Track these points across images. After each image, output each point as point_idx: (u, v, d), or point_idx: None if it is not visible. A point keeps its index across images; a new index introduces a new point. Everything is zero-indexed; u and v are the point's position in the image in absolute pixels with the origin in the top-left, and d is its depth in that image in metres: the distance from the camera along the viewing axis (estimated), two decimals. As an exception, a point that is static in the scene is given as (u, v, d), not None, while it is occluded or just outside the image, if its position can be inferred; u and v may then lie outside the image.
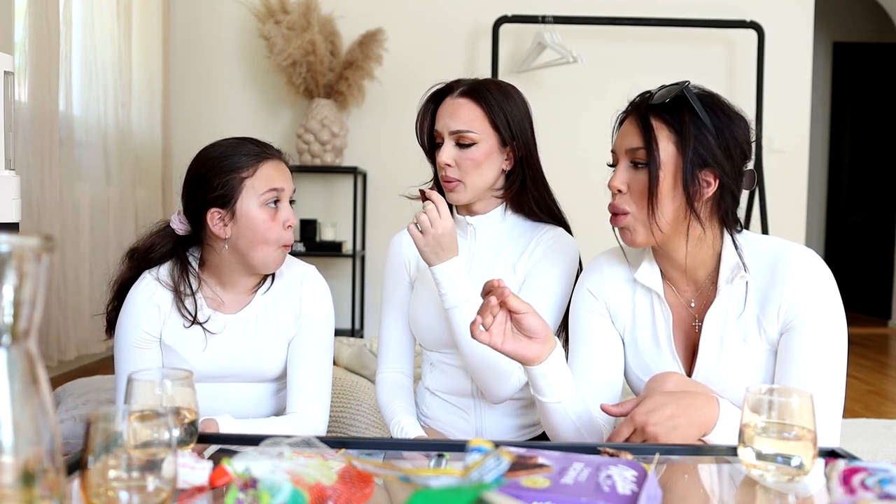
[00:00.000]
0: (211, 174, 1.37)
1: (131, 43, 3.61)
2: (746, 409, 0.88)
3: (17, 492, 0.52)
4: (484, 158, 1.40)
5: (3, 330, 0.51)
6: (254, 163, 1.37)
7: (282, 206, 1.40)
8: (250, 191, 1.36)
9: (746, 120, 1.20)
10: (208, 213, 1.37)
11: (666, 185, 1.16)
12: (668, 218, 1.17)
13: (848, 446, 0.98)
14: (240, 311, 1.44)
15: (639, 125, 1.18)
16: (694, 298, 1.25)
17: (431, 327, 1.47)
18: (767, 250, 1.20)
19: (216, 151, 1.40)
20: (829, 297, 1.16)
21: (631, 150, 1.19)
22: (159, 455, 0.69)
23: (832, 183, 6.67)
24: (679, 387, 1.14)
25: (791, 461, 0.85)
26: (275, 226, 1.37)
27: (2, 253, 0.50)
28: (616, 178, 1.20)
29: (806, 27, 4.17)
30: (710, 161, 1.15)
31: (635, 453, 0.96)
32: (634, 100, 1.23)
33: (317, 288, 1.48)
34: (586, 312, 1.33)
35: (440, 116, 1.43)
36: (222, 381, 1.45)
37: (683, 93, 1.16)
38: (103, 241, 3.37)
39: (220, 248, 1.40)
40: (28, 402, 0.53)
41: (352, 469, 0.82)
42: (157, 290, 1.41)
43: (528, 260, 1.44)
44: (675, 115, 1.16)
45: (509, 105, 1.42)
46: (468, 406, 1.48)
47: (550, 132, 4.11)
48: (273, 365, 1.46)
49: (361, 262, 4.18)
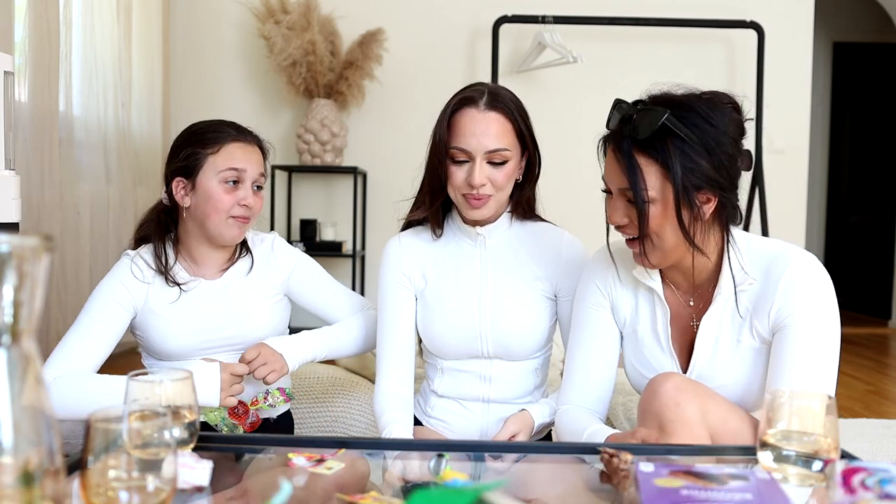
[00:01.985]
0: (182, 146, 1.50)
1: (131, 43, 3.61)
2: (766, 412, 0.87)
3: (17, 492, 0.52)
4: (513, 173, 1.39)
5: (3, 330, 0.51)
6: (221, 140, 1.47)
7: (242, 186, 1.48)
8: (211, 166, 1.47)
9: (728, 103, 1.16)
10: (174, 181, 1.50)
11: (663, 218, 1.15)
12: (671, 244, 1.18)
13: (848, 446, 0.98)
14: (217, 279, 1.54)
15: (623, 164, 1.14)
16: (693, 298, 1.26)
17: (446, 340, 1.45)
18: (765, 253, 1.20)
19: (195, 127, 1.53)
20: (821, 299, 1.16)
21: (622, 190, 1.17)
22: (159, 455, 0.69)
23: (832, 183, 6.67)
24: (679, 388, 1.15)
25: (812, 465, 0.85)
26: (228, 198, 1.46)
27: (2, 253, 0.50)
28: (615, 214, 1.19)
29: (806, 27, 4.17)
30: (705, 183, 1.13)
31: (636, 453, 0.96)
32: (615, 127, 1.18)
33: (285, 246, 1.63)
34: (591, 307, 1.35)
35: (466, 133, 1.35)
36: (212, 350, 1.50)
37: (666, 122, 1.11)
38: (103, 241, 3.36)
39: (185, 218, 1.51)
40: (28, 403, 0.53)
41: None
42: (137, 263, 1.50)
43: (555, 275, 1.45)
44: (659, 148, 1.12)
45: (525, 114, 1.40)
46: (476, 408, 1.48)
47: (550, 132, 4.11)
48: (259, 329, 1.53)
49: (361, 262, 4.18)
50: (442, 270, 1.47)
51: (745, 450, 1.01)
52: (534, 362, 1.49)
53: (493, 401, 1.47)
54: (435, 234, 1.49)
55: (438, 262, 1.48)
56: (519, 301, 1.44)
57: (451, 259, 1.47)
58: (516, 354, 1.45)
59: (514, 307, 1.44)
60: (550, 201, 1.57)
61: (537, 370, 1.50)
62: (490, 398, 1.47)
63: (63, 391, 1.35)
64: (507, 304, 1.44)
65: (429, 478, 1.01)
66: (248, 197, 1.48)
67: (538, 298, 1.45)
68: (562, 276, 1.45)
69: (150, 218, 1.57)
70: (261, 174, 1.51)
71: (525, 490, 1.00)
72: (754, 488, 0.76)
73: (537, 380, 1.50)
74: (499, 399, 1.47)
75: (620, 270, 1.32)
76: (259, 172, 1.50)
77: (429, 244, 1.49)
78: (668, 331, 1.26)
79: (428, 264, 1.48)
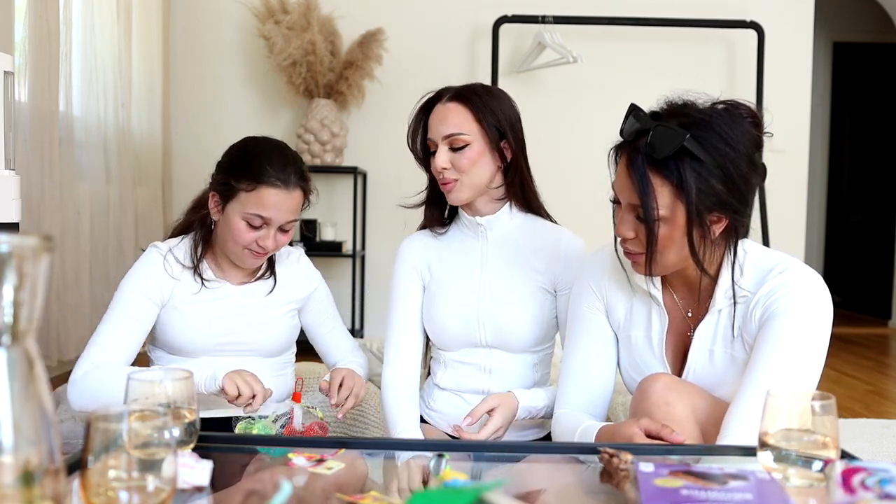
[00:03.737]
0: (229, 165, 1.48)
1: (131, 43, 3.61)
2: (767, 411, 0.87)
3: (17, 492, 0.52)
4: (478, 157, 1.43)
5: (3, 330, 0.51)
6: (259, 179, 1.42)
7: (265, 229, 1.44)
8: (240, 202, 1.43)
9: (748, 115, 1.14)
10: (211, 192, 1.49)
11: (671, 237, 1.14)
12: (674, 261, 1.17)
13: (848, 446, 0.97)
14: (240, 287, 1.56)
15: (636, 181, 1.12)
16: (691, 308, 1.25)
17: (448, 328, 1.50)
18: (763, 266, 1.18)
19: (250, 148, 1.49)
20: (810, 302, 1.13)
21: (632, 206, 1.15)
22: (159, 455, 0.69)
23: (832, 183, 6.67)
24: (669, 387, 1.15)
25: (812, 465, 0.84)
26: (247, 235, 1.44)
27: (2, 253, 0.50)
28: (623, 227, 1.17)
29: (806, 27, 4.17)
30: (717, 205, 1.11)
31: (635, 453, 0.96)
32: (629, 138, 1.15)
33: (309, 264, 1.67)
34: (586, 309, 1.34)
35: (432, 124, 1.46)
36: (223, 352, 1.52)
37: (686, 143, 1.08)
38: (103, 241, 3.36)
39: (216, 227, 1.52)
40: (28, 402, 0.53)
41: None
42: (168, 259, 1.51)
43: (553, 269, 1.49)
44: (674, 169, 1.09)
45: (497, 104, 1.45)
46: (476, 401, 1.49)
47: (550, 132, 4.12)
48: (270, 338, 1.55)
49: (361, 262, 4.18)
50: (446, 261, 1.54)
51: (745, 450, 1.01)
52: (533, 357, 1.51)
53: (493, 393, 1.48)
54: (436, 231, 1.56)
55: (443, 254, 1.54)
56: (516, 291, 1.48)
57: (455, 250, 1.54)
58: (514, 344, 1.48)
59: (512, 296, 1.48)
60: (550, 200, 1.58)
61: (536, 366, 1.52)
62: (490, 391, 1.49)
63: (94, 384, 1.37)
64: (505, 293, 1.48)
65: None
66: (268, 240, 1.45)
67: (536, 290, 1.49)
68: (560, 271, 1.49)
69: (195, 211, 1.59)
70: (291, 221, 1.47)
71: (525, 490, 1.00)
72: (754, 488, 0.76)
73: (536, 375, 1.52)
74: (499, 392, 1.48)
75: (621, 270, 1.32)
76: (289, 219, 1.46)
77: (437, 238, 1.57)
78: (664, 339, 1.26)
79: (434, 257, 1.55)
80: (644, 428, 1.10)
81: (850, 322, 5.64)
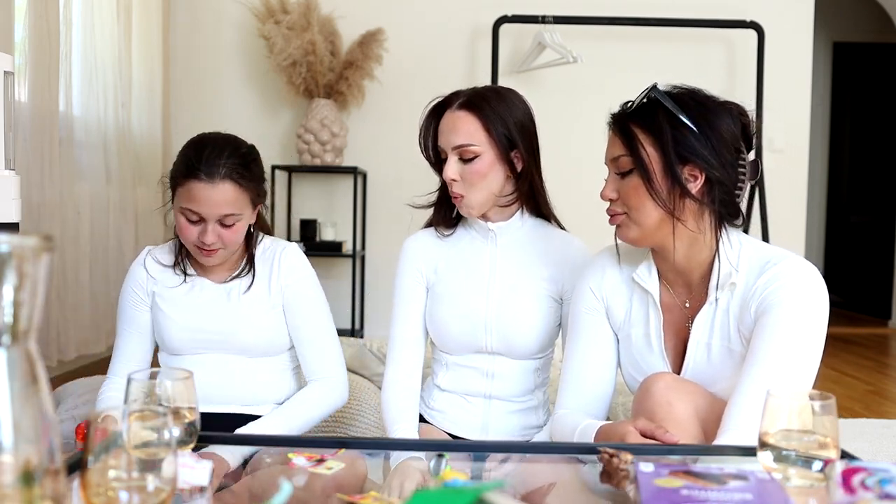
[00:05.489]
0: (174, 163, 1.48)
1: (131, 43, 3.61)
2: (766, 412, 0.87)
3: (17, 492, 0.52)
4: (488, 170, 1.41)
5: (3, 330, 0.51)
6: (188, 174, 1.42)
7: (203, 224, 1.43)
8: (178, 198, 1.45)
9: (736, 110, 1.20)
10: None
11: (649, 189, 1.18)
12: (654, 219, 1.19)
13: (848, 446, 0.97)
14: (222, 284, 1.55)
15: (620, 134, 1.22)
16: (689, 300, 1.26)
17: (450, 330, 1.49)
18: (759, 258, 1.20)
19: (189, 144, 1.49)
20: (806, 297, 1.14)
21: (614, 160, 1.23)
22: (159, 455, 0.69)
23: (832, 183, 6.66)
24: (670, 387, 1.16)
25: (812, 465, 0.84)
26: (187, 231, 1.45)
27: (2, 253, 0.50)
28: (606, 188, 1.25)
29: (806, 27, 4.16)
30: (691, 156, 1.16)
31: (635, 453, 0.96)
32: (617, 110, 1.27)
33: (294, 259, 1.57)
34: (585, 311, 1.35)
35: (442, 132, 1.44)
36: (208, 350, 1.52)
37: (654, 94, 1.19)
38: (103, 241, 3.36)
39: None
40: (28, 402, 0.53)
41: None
42: (148, 258, 1.57)
43: (561, 278, 1.48)
44: (650, 118, 1.19)
45: (509, 111, 1.42)
46: (478, 404, 1.51)
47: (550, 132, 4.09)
48: (255, 335, 1.52)
49: (361, 262, 4.18)
50: (453, 264, 1.52)
51: (744, 450, 1.01)
52: (535, 362, 1.51)
53: (495, 397, 1.50)
54: (441, 231, 1.54)
55: (450, 257, 1.53)
56: (525, 298, 1.47)
57: (463, 253, 1.52)
58: (519, 351, 1.47)
59: (520, 303, 1.47)
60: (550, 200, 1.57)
61: (538, 370, 1.52)
62: (492, 394, 1.49)
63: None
64: (514, 299, 1.47)
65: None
66: (207, 235, 1.42)
67: (544, 298, 1.48)
68: (568, 280, 1.48)
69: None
70: (228, 214, 1.42)
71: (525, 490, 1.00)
72: (754, 488, 0.76)
73: (538, 380, 1.53)
74: (500, 396, 1.50)
75: (619, 270, 1.32)
76: (224, 213, 1.41)
77: (443, 240, 1.55)
78: (661, 335, 1.26)
79: (440, 259, 1.53)
80: (639, 428, 1.10)
81: (850, 322, 5.63)
